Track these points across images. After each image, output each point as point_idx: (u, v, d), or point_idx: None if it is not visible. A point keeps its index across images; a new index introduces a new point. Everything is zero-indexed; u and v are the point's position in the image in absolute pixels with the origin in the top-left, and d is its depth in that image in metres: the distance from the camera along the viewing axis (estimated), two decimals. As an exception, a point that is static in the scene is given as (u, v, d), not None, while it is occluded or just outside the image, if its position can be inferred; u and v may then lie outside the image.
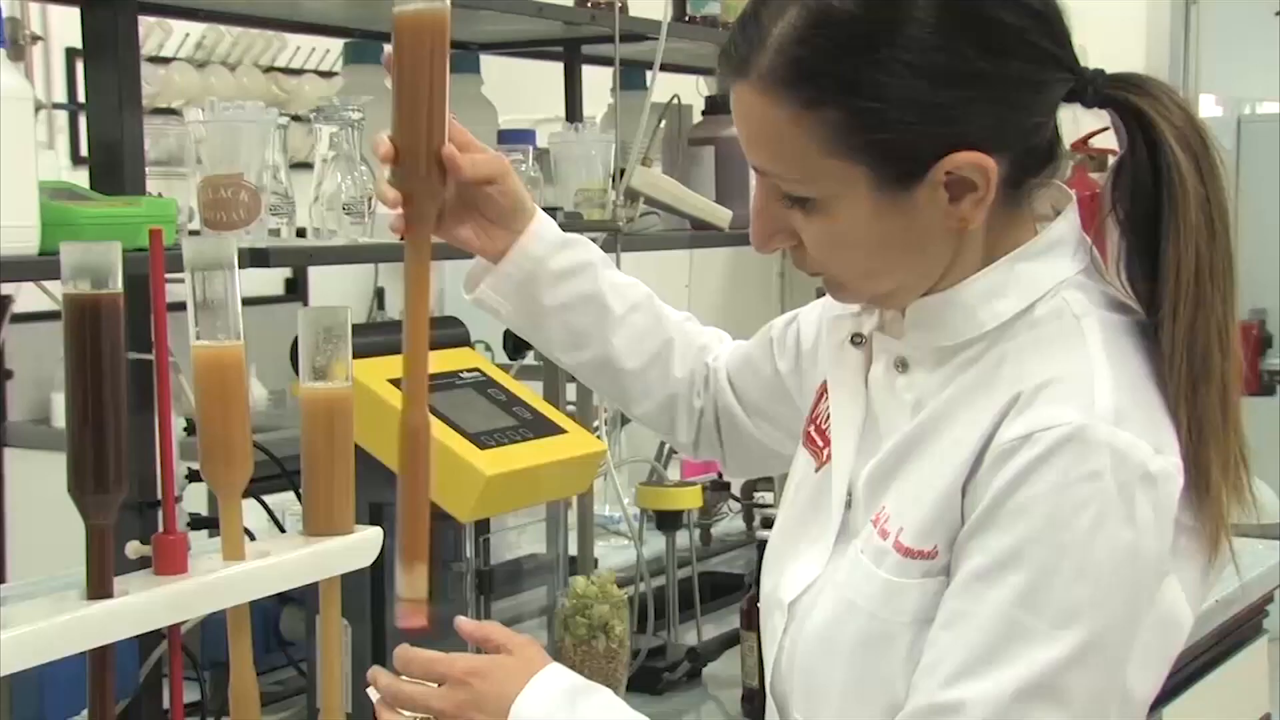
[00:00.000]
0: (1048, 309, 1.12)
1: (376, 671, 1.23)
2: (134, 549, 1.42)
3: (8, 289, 3.52)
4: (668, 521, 2.14)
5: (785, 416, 1.42)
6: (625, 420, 2.46)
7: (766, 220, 1.15)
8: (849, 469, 1.19)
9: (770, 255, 4.78)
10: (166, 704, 1.83)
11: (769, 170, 1.12)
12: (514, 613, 2.13)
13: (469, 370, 1.87)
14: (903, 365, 1.18)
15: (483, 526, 1.82)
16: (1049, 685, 1.02)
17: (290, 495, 1.94)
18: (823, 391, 1.26)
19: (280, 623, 1.94)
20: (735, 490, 2.81)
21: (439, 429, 1.73)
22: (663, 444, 2.50)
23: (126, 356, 1.30)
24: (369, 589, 1.78)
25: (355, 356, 1.51)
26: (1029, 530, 1.03)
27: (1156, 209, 1.10)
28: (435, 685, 1.20)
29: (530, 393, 1.90)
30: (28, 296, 3.43)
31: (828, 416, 1.23)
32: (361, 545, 1.49)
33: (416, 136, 1.23)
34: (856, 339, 1.22)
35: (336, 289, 4.22)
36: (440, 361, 1.87)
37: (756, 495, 2.71)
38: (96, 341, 1.27)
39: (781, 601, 1.21)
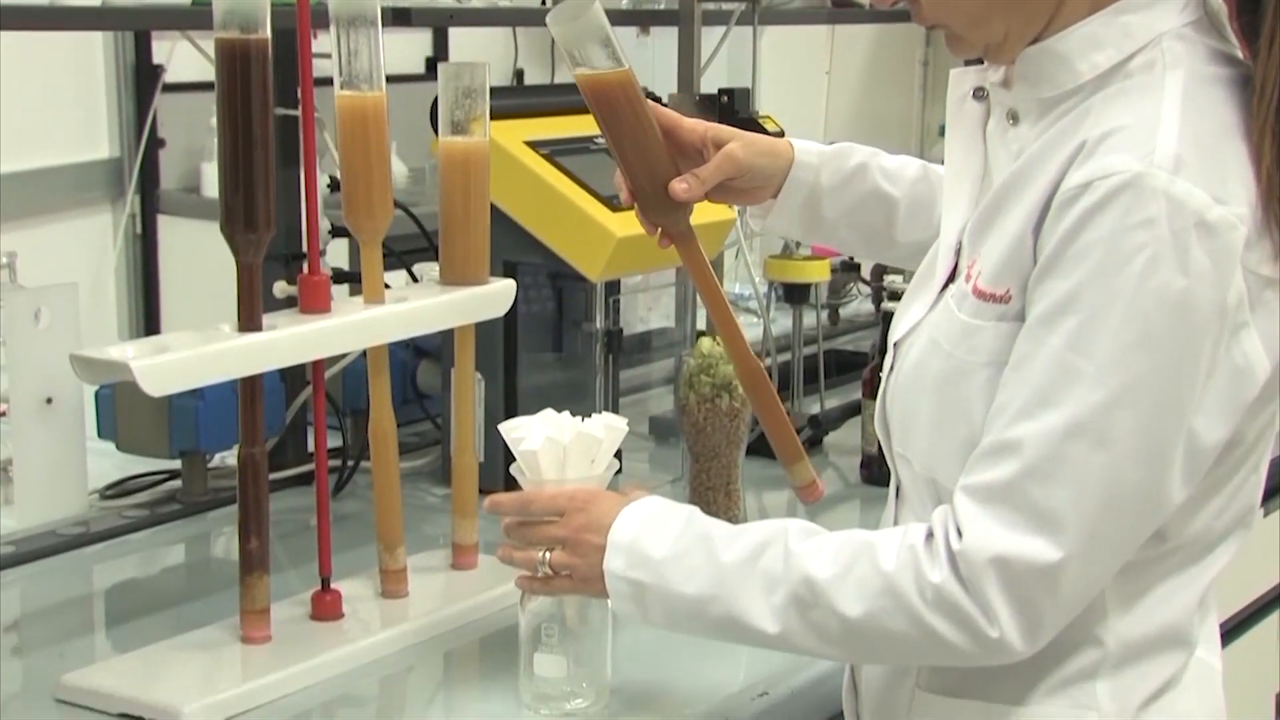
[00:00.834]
0: (1143, 61, 1.13)
1: (497, 499, 1.32)
2: (281, 288, 1.50)
3: (158, 58, 3.62)
4: (795, 294, 2.18)
5: None
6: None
7: None
8: (963, 218, 1.22)
9: (914, 43, 4.69)
10: (310, 447, 1.94)
11: None
12: (642, 379, 2.20)
13: (602, 135, 1.91)
14: (1013, 117, 1.20)
15: (612, 288, 1.87)
16: (1096, 426, 1.06)
17: (432, 265, 2.01)
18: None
19: (417, 376, 2.02)
20: (864, 273, 2.84)
21: (572, 190, 1.78)
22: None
23: (273, 107, 1.36)
24: (502, 345, 1.85)
25: (492, 118, 1.56)
26: (1084, 275, 1.06)
27: None
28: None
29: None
30: (178, 66, 3.52)
31: None
32: (496, 295, 1.56)
33: (642, 179, 1.35)
34: (979, 93, 1.24)
35: (477, 68, 4.24)
36: (574, 125, 1.91)
37: (886, 279, 2.74)
38: (246, 85, 1.33)
39: (891, 342, 1.26)
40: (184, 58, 3.64)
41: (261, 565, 1.40)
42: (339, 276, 1.92)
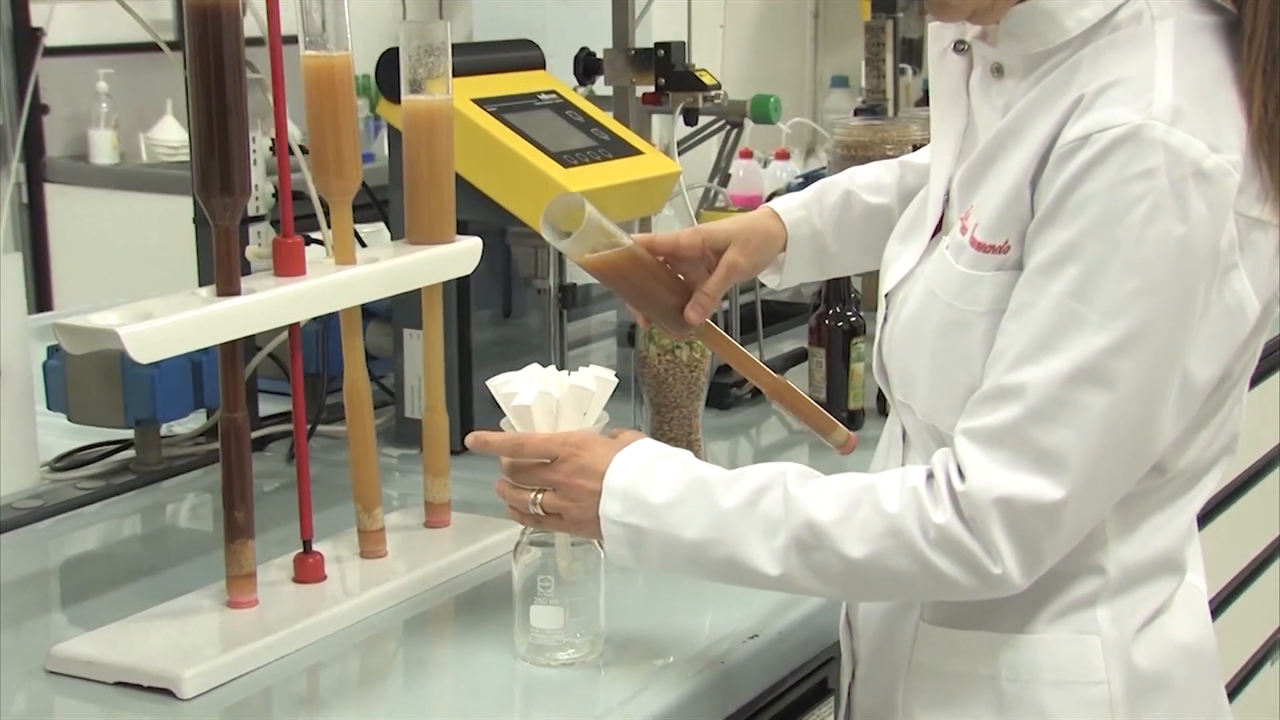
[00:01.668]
0: (1130, 13, 1.16)
1: (483, 437, 1.34)
2: (254, 253, 1.50)
3: (37, 21, 3.54)
4: (730, 246, 2.21)
5: None
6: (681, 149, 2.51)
7: None
8: (948, 170, 1.26)
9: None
10: (261, 412, 1.94)
11: None
12: (584, 333, 2.23)
13: (546, 92, 1.93)
14: (998, 71, 1.23)
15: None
16: (1098, 370, 1.10)
17: (367, 225, 2.01)
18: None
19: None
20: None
21: (524, 148, 1.79)
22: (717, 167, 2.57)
23: (244, 68, 1.36)
24: (455, 304, 1.87)
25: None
26: (1085, 225, 1.10)
27: None
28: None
29: (604, 115, 1.95)
30: (58, 28, 3.45)
31: None
32: (463, 253, 1.58)
33: (656, 315, 1.47)
34: (959, 46, 1.27)
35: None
36: (518, 83, 1.93)
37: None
38: (219, 46, 1.33)
39: (881, 293, 1.31)
40: (64, 20, 3.58)
41: (247, 530, 1.41)
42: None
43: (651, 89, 2.14)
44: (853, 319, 1.97)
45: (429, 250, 1.53)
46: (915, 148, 2.37)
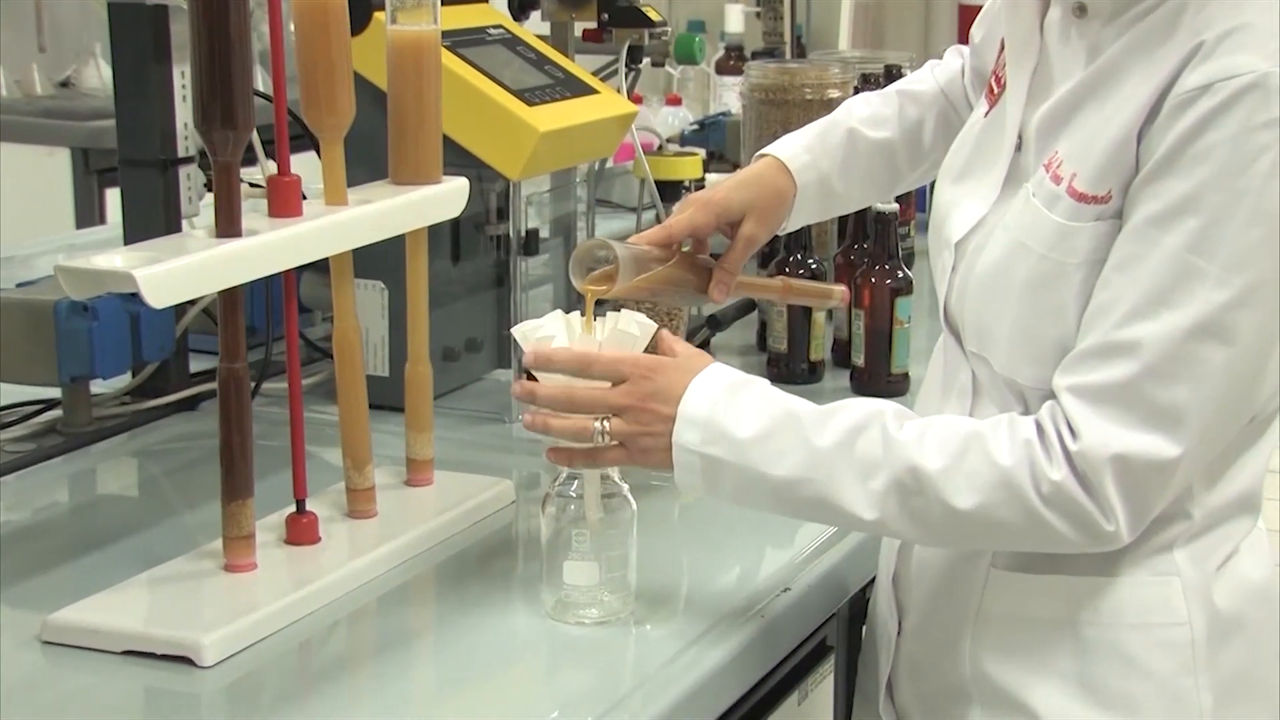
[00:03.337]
0: None
1: (530, 386, 1.32)
2: (244, 191, 1.48)
3: None
4: (668, 192, 2.23)
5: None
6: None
7: None
8: (1020, 113, 1.29)
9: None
10: (193, 369, 1.91)
11: None
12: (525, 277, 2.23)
13: (494, 27, 1.92)
14: (1080, 11, 1.25)
15: (516, 188, 1.90)
16: (1219, 325, 1.14)
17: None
18: (1004, 44, 1.36)
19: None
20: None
21: (488, 86, 1.79)
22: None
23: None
24: (402, 254, 1.86)
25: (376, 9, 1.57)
26: (1206, 176, 1.13)
27: None
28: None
29: (555, 52, 1.96)
30: None
31: (1004, 65, 1.33)
32: (454, 193, 1.58)
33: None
34: None
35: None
36: (465, 16, 1.92)
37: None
38: (221, -27, 1.31)
39: (949, 241, 1.33)
40: None
41: (247, 490, 1.39)
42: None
43: (593, 25, 2.14)
44: (814, 266, 2.01)
45: (422, 190, 1.53)
46: (858, 89, 2.42)
